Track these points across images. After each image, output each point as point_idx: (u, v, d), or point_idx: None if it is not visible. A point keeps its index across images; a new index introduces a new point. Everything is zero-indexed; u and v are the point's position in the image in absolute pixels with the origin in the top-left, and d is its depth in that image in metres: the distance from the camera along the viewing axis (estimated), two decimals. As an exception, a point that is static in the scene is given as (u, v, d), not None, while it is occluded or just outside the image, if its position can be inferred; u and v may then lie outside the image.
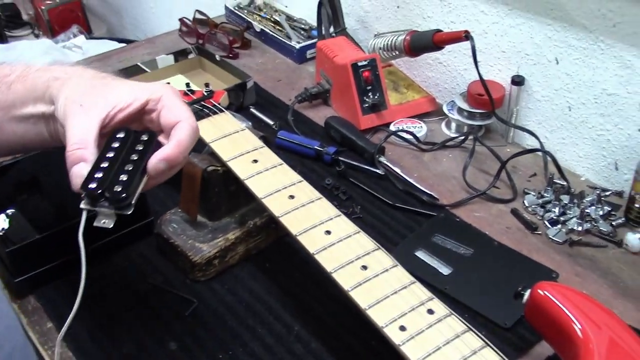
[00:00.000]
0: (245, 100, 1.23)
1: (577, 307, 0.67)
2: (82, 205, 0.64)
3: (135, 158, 0.66)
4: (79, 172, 0.64)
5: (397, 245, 0.92)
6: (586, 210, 0.96)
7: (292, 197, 0.79)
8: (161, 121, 0.69)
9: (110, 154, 0.66)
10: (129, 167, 0.65)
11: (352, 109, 1.17)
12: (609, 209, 0.98)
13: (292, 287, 0.87)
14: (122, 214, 0.64)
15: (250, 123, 1.07)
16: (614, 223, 0.96)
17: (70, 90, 0.68)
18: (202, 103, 0.94)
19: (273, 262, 0.91)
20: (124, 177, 0.64)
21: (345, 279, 0.69)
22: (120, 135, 0.68)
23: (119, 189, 0.63)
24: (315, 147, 1.09)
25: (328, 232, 0.74)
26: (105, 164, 0.65)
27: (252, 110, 1.22)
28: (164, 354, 0.78)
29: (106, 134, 0.68)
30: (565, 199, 1.00)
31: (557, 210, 0.98)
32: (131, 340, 0.80)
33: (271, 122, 1.19)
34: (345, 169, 1.06)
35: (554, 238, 0.94)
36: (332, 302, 0.83)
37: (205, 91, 0.97)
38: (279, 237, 0.93)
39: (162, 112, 0.69)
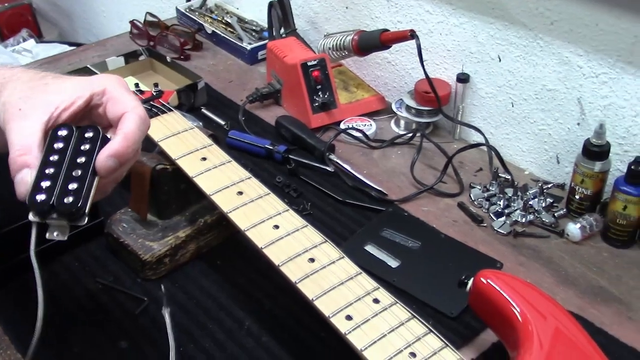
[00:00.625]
0: (197, 101, 1.23)
1: (517, 293, 0.70)
2: (30, 217, 0.60)
3: (83, 160, 0.62)
4: (22, 179, 0.61)
5: (346, 240, 0.94)
6: (529, 203, 0.99)
7: (240, 193, 0.80)
8: (108, 115, 0.66)
9: (55, 157, 0.62)
10: (78, 172, 0.61)
11: (302, 108, 1.18)
12: (551, 200, 1.01)
13: (243, 283, 0.87)
14: (76, 224, 0.61)
15: (201, 123, 1.08)
16: (556, 214, 0.99)
17: (8, 95, 0.65)
18: (151, 103, 0.94)
19: (224, 259, 0.91)
20: (73, 185, 0.60)
21: (292, 272, 0.70)
22: (63, 132, 0.63)
23: (71, 200, 0.59)
24: (266, 145, 1.10)
25: (276, 227, 0.76)
26: (50, 170, 0.61)
27: (204, 110, 1.23)
28: (114, 352, 0.78)
29: None
30: (509, 192, 1.03)
31: (501, 203, 1.00)
32: (82, 339, 0.79)
33: (222, 122, 1.19)
34: (295, 167, 1.07)
35: (498, 230, 0.97)
36: (283, 297, 0.84)
37: (155, 91, 0.98)
38: (231, 235, 0.93)
39: (107, 105, 0.66)
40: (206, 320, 0.82)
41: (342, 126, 1.17)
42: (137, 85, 1.02)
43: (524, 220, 0.98)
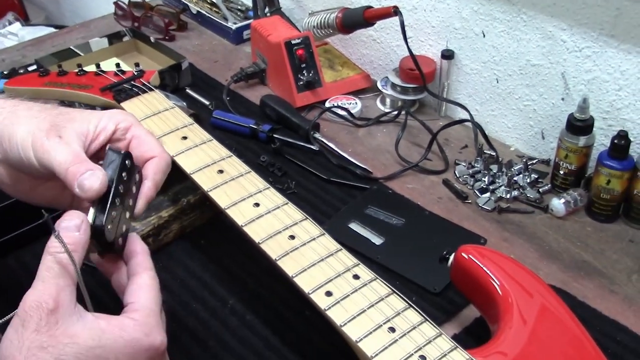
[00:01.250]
0: (181, 82, 1.23)
1: (497, 267, 0.70)
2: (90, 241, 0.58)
3: (131, 204, 0.63)
4: (91, 180, 0.58)
5: (330, 218, 0.93)
6: (514, 179, 0.99)
7: (221, 171, 0.79)
8: (133, 152, 0.65)
9: (121, 188, 0.60)
10: (127, 214, 0.62)
11: (287, 87, 1.17)
12: (536, 176, 1.01)
13: (228, 263, 0.87)
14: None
15: (185, 104, 1.08)
16: (540, 190, 0.99)
17: (29, 126, 0.62)
18: (132, 82, 0.94)
19: (208, 239, 0.91)
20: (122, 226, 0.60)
21: (273, 249, 0.70)
22: (128, 162, 0.62)
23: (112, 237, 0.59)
24: (250, 125, 1.10)
25: (257, 205, 0.75)
26: (117, 200, 0.60)
27: (188, 91, 1.22)
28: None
29: None
30: (494, 168, 1.02)
31: (486, 179, 1.00)
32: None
33: (207, 103, 1.19)
34: (280, 146, 1.07)
35: (483, 206, 0.96)
36: (266, 276, 0.84)
37: (135, 71, 0.97)
38: (215, 215, 0.93)
39: (132, 142, 0.67)
40: (190, 299, 0.82)
41: (327, 105, 1.17)
42: (118, 65, 1.01)
43: (508, 196, 0.98)
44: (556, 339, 0.66)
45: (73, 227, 0.55)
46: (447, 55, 1.11)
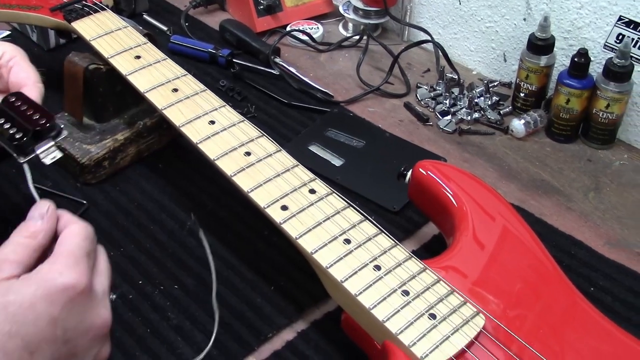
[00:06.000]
0: (138, 7, 1.19)
1: (452, 180, 0.70)
2: (21, 161, 0.60)
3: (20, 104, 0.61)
4: None
5: (290, 141, 0.92)
6: (475, 101, 0.99)
7: (175, 90, 0.78)
8: (10, 78, 0.66)
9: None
10: (25, 107, 0.61)
11: (246, 11, 1.15)
12: (498, 99, 1.01)
13: (186, 186, 0.86)
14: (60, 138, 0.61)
15: (141, 28, 1.04)
16: (501, 112, 0.99)
17: None
18: (84, 2, 0.90)
19: (166, 162, 0.90)
20: (30, 112, 0.60)
21: (228, 165, 0.69)
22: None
23: (43, 120, 0.59)
24: (209, 50, 1.07)
25: (212, 122, 0.74)
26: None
27: (145, 16, 1.19)
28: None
29: None
30: (455, 91, 1.02)
31: (447, 102, 1.00)
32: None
33: (165, 28, 1.16)
34: (240, 70, 1.05)
35: (444, 128, 0.96)
36: (225, 197, 0.83)
37: (87, -9, 0.94)
38: (173, 138, 0.92)
39: (13, 69, 0.67)
40: (148, 222, 0.81)
41: (289, 29, 1.14)
42: (70, -14, 0.97)
43: (469, 118, 0.97)
44: (511, 250, 0.66)
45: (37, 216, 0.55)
46: (410, -24, 1.09)
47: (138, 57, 0.82)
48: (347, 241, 0.63)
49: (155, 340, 0.68)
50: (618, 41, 0.89)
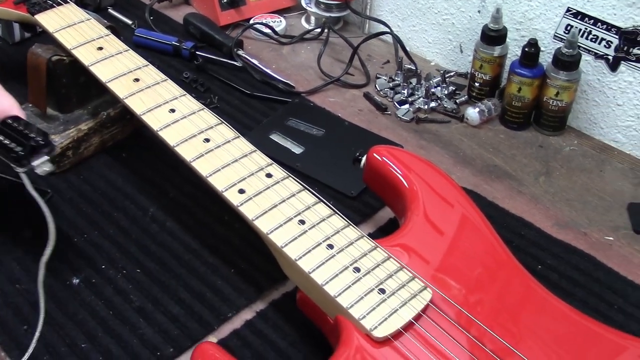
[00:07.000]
0: (103, 1, 1.20)
1: (406, 164, 0.72)
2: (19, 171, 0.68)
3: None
4: None
5: (252, 130, 0.95)
6: (432, 90, 1.02)
7: (137, 80, 0.79)
8: None
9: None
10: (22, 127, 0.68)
11: (210, 5, 1.17)
12: (454, 88, 1.04)
13: (149, 175, 0.88)
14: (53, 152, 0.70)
15: (105, 22, 1.06)
16: (457, 101, 1.02)
17: None
18: (47, -5, 0.92)
19: (130, 152, 0.92)
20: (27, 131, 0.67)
21: (187, 151, 0.71)
22: None
23: (39, 138, 0.67)
24: (173, 42, 1.09)
25: (172, 111, 0.76)
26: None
27: (111, 11, 1.20)
28: (19, 241, 0.79)
29: None
30: (413, 81, 1.05)
31: (405, 92, 1.03)
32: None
33: (130, 22, 1.17)
34: (203, 62, 1.07)
35: (402, 117, 0.99)
36: (188, 185, 0.85)
37: (51, -16, 0.95)
38: (136, 129, 0.93)
39: None
40: (111, 209, 0.83)
41: (252, 23, 1.16)
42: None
43: (426, 107, 1.00)
44: (460, 230, 0.69)
45: None
46: (369, -30, 1.12)
47: (100, 48, 0.83)
48: (302, 222, 0.65)
49: (117, 322, 0.70)
50: (567, 32, 0.93)
